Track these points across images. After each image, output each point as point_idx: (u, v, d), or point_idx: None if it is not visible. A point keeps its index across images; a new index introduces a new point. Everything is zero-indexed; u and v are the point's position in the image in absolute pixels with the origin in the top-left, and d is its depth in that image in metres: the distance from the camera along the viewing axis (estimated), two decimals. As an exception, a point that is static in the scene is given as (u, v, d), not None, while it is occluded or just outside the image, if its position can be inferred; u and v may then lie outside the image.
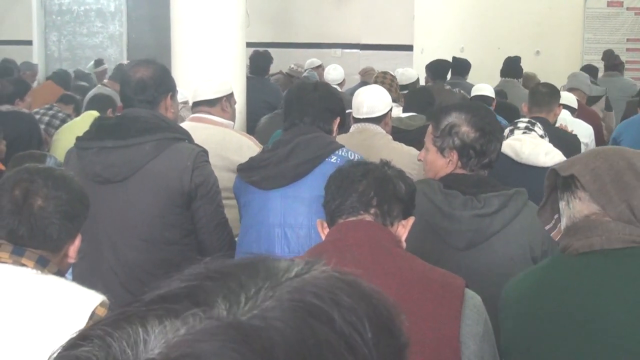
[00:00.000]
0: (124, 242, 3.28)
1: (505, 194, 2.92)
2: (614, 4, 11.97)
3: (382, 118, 4.58)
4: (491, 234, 2.87)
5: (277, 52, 9.47)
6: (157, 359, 0.63)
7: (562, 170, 1.95)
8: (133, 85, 3.40)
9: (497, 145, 2.97)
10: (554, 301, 1.93)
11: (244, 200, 3.32)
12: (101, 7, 12.99)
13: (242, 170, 3.32)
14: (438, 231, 2.88)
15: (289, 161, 3.18)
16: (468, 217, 2.84)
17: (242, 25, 6.42)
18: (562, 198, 1.96)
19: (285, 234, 3.17)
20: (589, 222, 1.90)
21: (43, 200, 2.28)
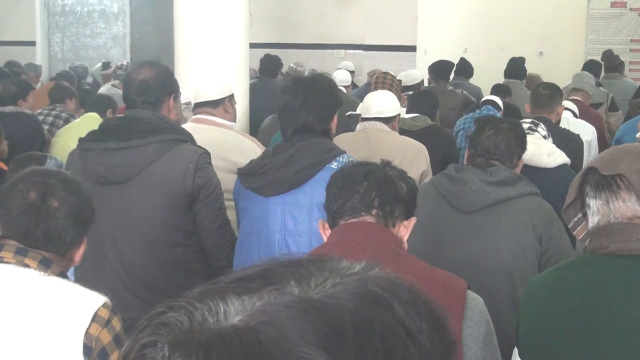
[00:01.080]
0: (127, 244, 3.28)
1: (514, 173, 3.25)
2: (617, 5, 11.96)
3: (390, 120, 4.61)
4: (495, 201, 3.10)
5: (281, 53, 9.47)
6: (237, 325, 0.69)
7: (603, 169, 1.90)
8: (136, 86, 3.39)
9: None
10: (581, 299, 1.90)
11: (243, 204, 3.31)
12: (104, 8, 13.00)
13: (242, 175, 3.30)
14: (446, 195, 3.16)
15: (289, 167, 3.15)
16: (474, 180, 3.13)
17: (246, 26, 6.42)
18: (598, 197, 1.91)
19: (286, 240, 3.15)
20: (628, 225, 1.86)
21: (59, 203, 2.28)
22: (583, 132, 5.65)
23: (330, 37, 11.58)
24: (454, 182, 3.18)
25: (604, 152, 1.99)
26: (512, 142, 3.40)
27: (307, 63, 10.12)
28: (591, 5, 12.00)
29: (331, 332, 0.69)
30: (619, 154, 1.91)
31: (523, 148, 3.49)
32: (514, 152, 3.41)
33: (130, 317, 2.97)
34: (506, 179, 3.16)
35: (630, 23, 11.96)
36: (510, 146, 3.39)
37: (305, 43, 11.59)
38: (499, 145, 3.37)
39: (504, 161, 3.36)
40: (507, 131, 3.40)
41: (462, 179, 3.16)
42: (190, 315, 0.71)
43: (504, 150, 3.38)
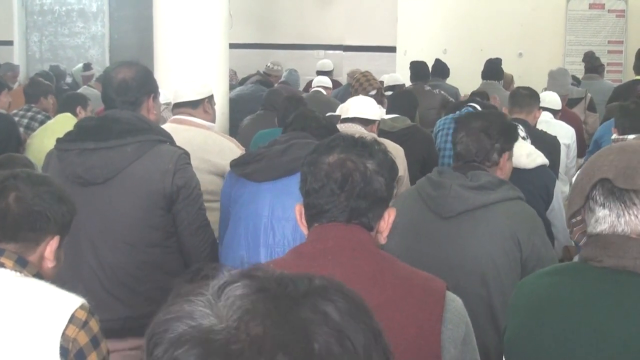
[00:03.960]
0: (106, 245, 3.26)
1: (496, 178, 3.17)
2: (595, 7, 12.04)
3: (369, 123, 4.63)
4: (474, 206, 3.05)
5: (260, 54, 9.48)
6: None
7: (618, 180, 1.82)
8: (115, 86, 3.38)
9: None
10: (569, 311, 1.86)
11: (234, 193, 3.33)
12: (83, 7, 12.93)
13: (235, 165, 3.34)
14: (426, 200, 3.12)
15: (284, 156, 3.24)
16: (453, 185, 3.08)
17: (225, 26, 6.41)
18: (608, 207, 1.83)
19: (272, 225, 3.18)
20: (627, 240, 1.81)
21: (30, 190, 2.30)
22: (562, 134, 5.68)
23: (309, 38, 11.57)
24: (434, 186, 3.13)
25: (614, 158, 1.87)
26: (483, 142, 3.29)
27: (287, 63, 10.12)
28: (569, 7, 12.07)
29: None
30: (633, 164, 1.82)
31: (504, 143, 3.34)
32: (489, 151, 3.29)
33: (109, 318, 2.96)
34: (486, 184, 3.09)
35: (608, 24, 12.04)
36: (482, 147, 3.29)
37: (285, 43, 11.58)
38: (469, 148, 3.29)
39: (481, 162, 3.29)
40: (477, 132, 3.30)
41: (442, 184, 3.11)
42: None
43: (475, 153, 3.29)
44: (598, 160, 1.90)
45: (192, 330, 0.84)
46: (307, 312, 0.86)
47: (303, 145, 3.19)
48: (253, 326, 0.83)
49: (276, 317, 0.84)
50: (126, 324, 3.18)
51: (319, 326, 0.85)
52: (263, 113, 6.25)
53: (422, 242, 3.09)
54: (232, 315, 0.84)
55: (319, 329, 0.85)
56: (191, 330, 0.84)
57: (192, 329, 0.84)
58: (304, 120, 3.60)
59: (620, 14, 11.97)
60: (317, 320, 0.85)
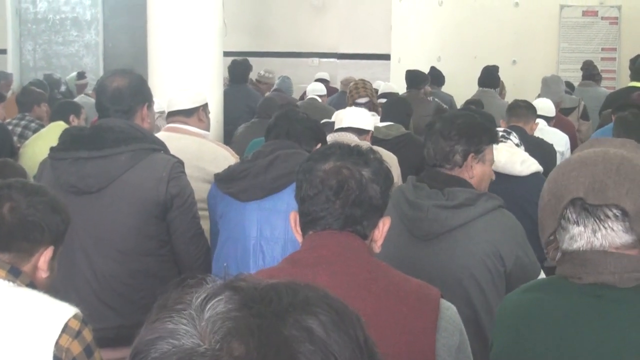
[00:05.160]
0: (99, 253, 3.25)
1: (473, 192, 3.02)
2: (589, 14, 12.07)
3: (362, 132, 4.63)
4: (452, 227, 2.95)
5: (255, 61, 9.46)
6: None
7: (589, 197, 1.79)
8: (109, 95, 3.38)
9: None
10: (552, 327, 1.85)
11: (220, 210, 3.30)
12: (77, 15, 12.92)
13: (220, 180, 3.30)
14: (402, 219, 3.00)
15: (268, 174, 3.17)
16: (430, 206, 2.96)
17: (220, 34, 6.41)
18: (581, 223, 1.80)
19: (261, 246, 3.15)
20: (604, 255, 1.78)
21: (24, 200, 2.29)
22: (556, 142, 5.71)
23: (304, 46, 11.58)
24: (410, 206, 3.02)
25: (577, 174, 1.83)
26: (440, 145, 3.09)
27: (281, 71, 10.12)
28: (563, 14, 12.10)
29: None
30: (599, 177, 1.80)
31: (466, 144, 3.11)
32: (448, 153, 3.09)
33: (102, 327, 2.95)
34: (465, 201, 2.96)
35: (601, 32, 12.08)
36: (440, 150, 3.10)
37: (279, 51, 11.58)
38: (430, 152, 3.14)
39: (442, 164, 3.11)
40: (434, 134, 3.13)
41: (418, 205, 2.99)
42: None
43: (433, 157, 3.13)
44: (561, 178, 1.86)
45: (175, 350, 0.84)
46: (291, 329, 0.85)
47: (288, 156, 3.16)
48: (236, 346, 0.83)
49: (259, 336, 0.83)
50: (120, 333, 3.17)
51: (303, 344, 0.84)
52: (257, 121, 6.24)
53: (403, 264, 2.96)
54: (215, 335, 0.84)
55: (303, 347, 0.84)
56: (175, 350, 0.84)
57: (176, 348, 0.84)
58: (288, 124, 3.48)
59: (614, 21, 12.01)
60: (301, 338, 0.85)
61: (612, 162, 1.82)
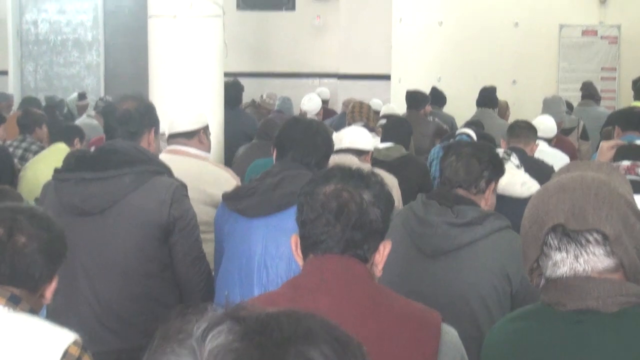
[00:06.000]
0: (101, 275, 3.25)
1: (481, 211, 3.08)
2: (588, 33, 12.11)
3: (362, 153, 4.63)
4: (460, 245, 2.98)
5: (255, 82, 9.49)
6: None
7: (570, 223, 1.78)
8: (118, 116, 3.43)
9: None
10: (538, 356, 1.84)
11: (227, 228, 3.30)
12: (78, 37, 12.96)
13: (228, 198, 3.30)
14: (411, 235, 3.05)
15: (276, 191, 3.18)
16: (439, 222, 3.01)
17: (220, 55, 6.43)
18: (563, 249, 1.80)
19: (265, 263, 3.14)
20: (587, 281, 1.78)
21: (27, 239, 2.25)
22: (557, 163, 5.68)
23: (304, 66, 11.61)
24: (420, 222, 3.06)
25: (557, 200, 1.82)
26: (473, 167, 3.20)
27: (282, 92, 10.13)
28: (562, 34, 12.13)
29: None
30: (579, 203, 1.80)
31: (493, 172, 3.27)
32: (477, 177, 3.20)
33: (103, 350, 2.94)
34: (473, 220, 3.02)
35: (601, 51, 12.10)
36: (472, 172, 3.20)
37: (280, 72, 11.61)
38: (458, 172, 3.20)
39: (467, 187, 3.20)
40: (467, 156, 3.22)
41: (428, 221, 3.04)
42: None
43: (463, 177, 3.19)
44: (541, 205, 1.86)
45: None
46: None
47: (295, 177, 3.16)
48: None
49: None
50: (120, 357, 3.16)
51: None
52: (258, 143, 6.24)
53: (409, 280, 3.02)
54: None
55: None
56: None
57: None
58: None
59: (613, 41, 12.04)
60: None
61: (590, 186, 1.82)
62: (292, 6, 11.81)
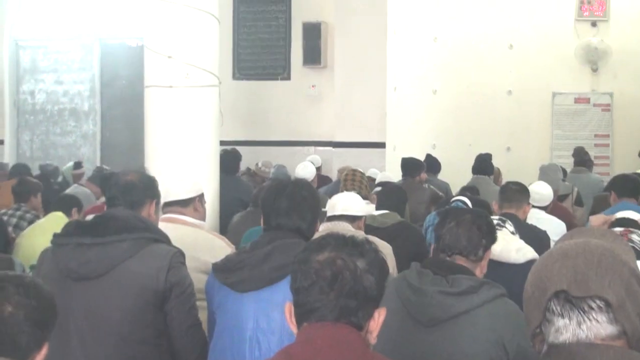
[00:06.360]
0: (95, 340, 3.23)
1: (476, 280, 3.07)
2: (581, 101, 12.22)
3: (355, 219, 4.63)
4: (456, 314, 2.96)
5: (250, 150, 9.54)
6: None
7: (572, 289, 1.79)
8: (121, 186, 3.50)
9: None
10: None
11: (217, 300, 3.27)
12: (75, 106, 13.05)
13: (217, 270, 3.28)
14: (406, 305, 3.02)
15: (266, 264, 3.14)
16: (434, 292, 2.99)
17: (216, 124, 6.47)
18: (565, 316, 1.80)
19: (258, 338, 3.11)
20: (590, 348, 1.77)
21: (13, 308, 2.23)
22: (553, 230, 5.69)
23: (300, 134, 11.68)
24: (414, 291, 3.03)
25: (560, 266, 1.83)
26: (474, 234, 3.21)
27: (277, 159, 10.18)
28: (555, 101, 12.25)
29: None
30: (581, 269, 1.80)
31: (489, 239, 3.29)
32: (477, 245, 3.20)
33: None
34: (468, 289, 3.00)
35: (594, 118, 12.20)
36: (472, 239, 3.20)
37: (275, 140, 11.68)
38: (460, 239, 3.19)
39: (467, 254, 3.19)
40: (468, 223, 3.22)
41: (423, 291, 3.01)
42: None
43: (465, 244, 3.19)
44: (544, 270, 1.86)
45: None
46: None
47: (286, 247, 3.14)
48: None
49: None
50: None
51: None
52: (253, 210, 6.25)
53: (403, 349, 2.99)
54: None
55: None
56: None
57: None
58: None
59: (606, 108, 12.15)
60: None
61: (594, 253, 1.83)
62: (287, 76, 11.94)
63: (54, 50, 13.07)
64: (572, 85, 12.16)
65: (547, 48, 12.04)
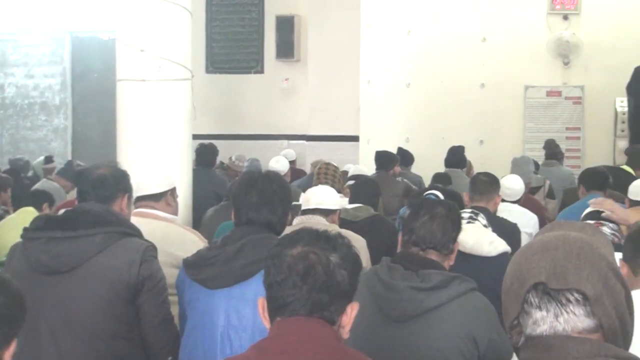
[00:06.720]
0: (67, 334, 3.22)
1: (447, 275, 3.05)
2: (553, 94, 12.30)
3: (330, 213, 4.63)
4: (426, 309, 2.95)
5: (224, 144, 9.51)
6: None
7: (551, 282, 1.79)
8: (92, 180, 3.47)
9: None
10: None
11: (188, 296, 3.26)
12: (46, 100, 12.96)
13: (188, 266, 3.26)
14: (377, 300, 3.01)
15: (237, 261, 3.12)
16: (404, 287, 2.97)
17: (189, 118, 6.44)
18: (543, 308, 1.80)
19: (229, 335, 3.09)
20: (567, 340, 1.78)
21: None
22: (524, 223, 5.72)
23: (273, 128, 11.67)
24: (385, 287, 3.02)
25: (539, 258, 1.83)
26: (448, 228, 3.19)
27: (250, 153, 10.16)
28: (528, 95, 12.32)
29: None
30: (560, 262, 1.81)
31: (458, 231, 3.28)
32: (450, 238, 3.20)
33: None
34: (439, 283, 2.98)
35: (565, 111, 12.29)
36: (447, 233, 3.18)
37: (248, 134, 11.65)
38: (435, 234, 3.16)
39: (441, 249, 3.17)
40: (442, 217, 3.19)
41: (393, 286, 2.99)
42: None
43: (440, 239, 3.17)
44: (524, 262, 1.86)
45: None
46: None
47: (257, 242, 3.13)
48: None
49: None
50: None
51: None
52: (226, 204, 6.23)
53: (375, 346, 2.97)
54: None
55: None
56: None
57: None
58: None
59: (577, 101, 12.24)
60: None
61: (573, 246, 1.83)
62: (260, 69, 11.91)
63: (24, 44, 12.97)
64: (544, 78, 12.24)
65: (519, 41, 12.11)
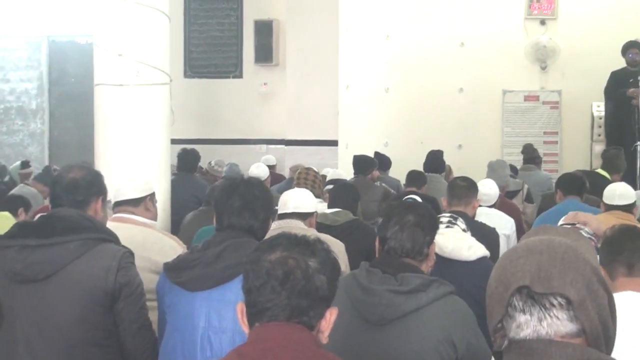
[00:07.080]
0: (43, 343, 3.18)
1: (425, 278, 3.07)
2: (530, 99, 12.37)
3: (307, 216, 4.63)
4: (405, 312, 2.97)
5: (202, 149, 9.48)
6: None
7: (535, 285, 1.79)
8: (65, 184, 3.40)
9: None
10: None
11: (168, 300, 3.25)
12: (22, 105, 12.88)
13: (169, 269, 3.26)
14: (355, 304, 3.02)
15: (218, 263, 3.13)
16: (382, 290, 2.99)
17: (167, 122, 6.43)
18: (527, 312, 1.80)
19: (209, 337, 3.09)
20: (550, 344, 1.78)
21: None
22: (502, 226, 5.75)
23: (252, 132, 11.66)
24: (363, 291, 3.03)
25: (524, 262, 1.84)
26: (418, 237, 3.20)
27: (229, 158, 10.15)
28: (506, 99, 12.38)
29: None
30: (545, 266, 1.81)
31: (432, 235, 3.28)
32: (422, 244, 3.20)
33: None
34: (418, 287, 3.00)
35: (543, 116, 12.36)
36: (417, 242, 3.20)
37: (227, 138, 11.63)
38: (404, 244, 3.18)
39: (414, 256, 3.19)
40: (412, 226, 3.20)
41: (372, 290, 3.01)
42: None
43: (410, 248, 3.19)
44: (509, 265, 1.87)
45: None
46: None
47: (238, 246, 3.14)
48: None
49: None
50: None
51: None
52: (205, 209, 6.22)
53: (353, 348, 2.97)
54: None
55: None
56: None
57: None
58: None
59: (555, 106, 12.32)
60: None
61: (557, 251, 1.84)
62: (239, 74, 11.91)
63: (0, 48, 12.88)
64: (522, 83, 12.32)
65: (497, 46, 12.17)
